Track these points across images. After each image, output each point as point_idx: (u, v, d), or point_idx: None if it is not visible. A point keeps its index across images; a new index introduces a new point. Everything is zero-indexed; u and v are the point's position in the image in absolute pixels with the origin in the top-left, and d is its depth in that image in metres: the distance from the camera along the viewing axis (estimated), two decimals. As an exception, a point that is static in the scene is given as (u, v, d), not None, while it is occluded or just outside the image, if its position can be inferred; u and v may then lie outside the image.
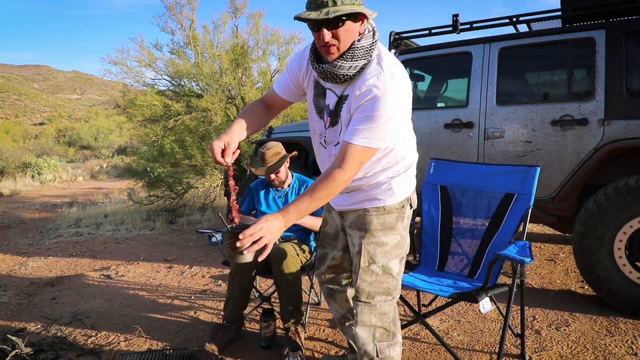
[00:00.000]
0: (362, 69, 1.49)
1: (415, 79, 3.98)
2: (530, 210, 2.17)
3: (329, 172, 1.46)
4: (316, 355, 2.38)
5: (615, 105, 2.85)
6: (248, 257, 1.39)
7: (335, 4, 1.38)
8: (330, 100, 1.60)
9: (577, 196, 3.08)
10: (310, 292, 2.95)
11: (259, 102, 1.80)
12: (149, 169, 7.18)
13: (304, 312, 2.56)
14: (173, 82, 8.14)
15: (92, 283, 3.79)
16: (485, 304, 1.92)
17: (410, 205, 1.71)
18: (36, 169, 15.71)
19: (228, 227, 1.47)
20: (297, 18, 1.42)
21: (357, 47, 1.46)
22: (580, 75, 3.15)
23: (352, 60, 1.47)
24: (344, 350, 2.42)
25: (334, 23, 1.41)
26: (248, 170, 6.55)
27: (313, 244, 2.84)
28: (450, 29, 3.49)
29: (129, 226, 6.38)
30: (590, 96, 2.94)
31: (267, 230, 1.37)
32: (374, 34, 1.50)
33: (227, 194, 1.59)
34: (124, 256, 4.70)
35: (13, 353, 2.36)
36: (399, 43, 3.79)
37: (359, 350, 1.66)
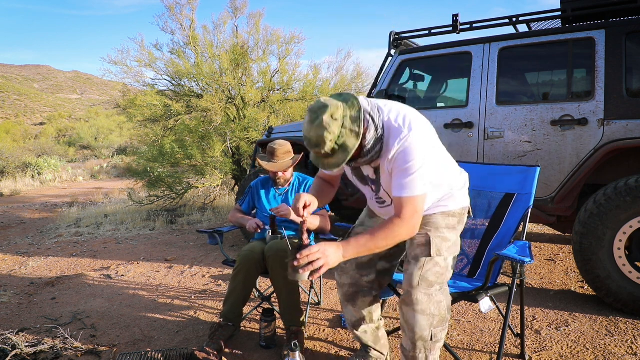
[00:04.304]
0: (382, 142, 1.61)
1: (415, 79, 3.98)
2: (530, 210, 2.16)
3: (390, 218, 1.62)
4: (316, 355, 2.38)
5: (615, 105, 2.85)
6: (304, 275, 1.53)
7: (334, 152, 1.53)
8: (368, 172, 1.78)
9: (577, 196, 3.08)
10: (310, 292, 2.96)
11: (318, 178, 2.02)
12: (149, 169, 7.19)
13: (304, 312, 2.55)
14: (173, 82, 8.15)
15: (92, 283, 3.79)
16: (485, 304, 1.92)
17: (469, 213, 1.90)
18: (36, 169, 15.72)
19: (289, 247, 1.61)
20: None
21: (366, 144, 1.58)
22: (580, 75, 3.15)
23: (368, 154, 1.61)
24: (344, 351, 2.42)
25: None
26: (248, 171, 6.56)
27: (313, 243, 2.83)
28: (450, 29, 3.49)
29: (129, 226, 6.39)
30: (590, 96, 2.94)
31: (323, 254, 1.52)
32: (372, 120, 1.58)
33: (300, 229, 1.71)
34: (124, 256, 4.70)
35: (13, 353, 2.36)
36: (399, 43, 3.79)
37: (414, 334, 1.69)
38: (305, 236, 1.67)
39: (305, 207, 1.73)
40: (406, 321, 1.69)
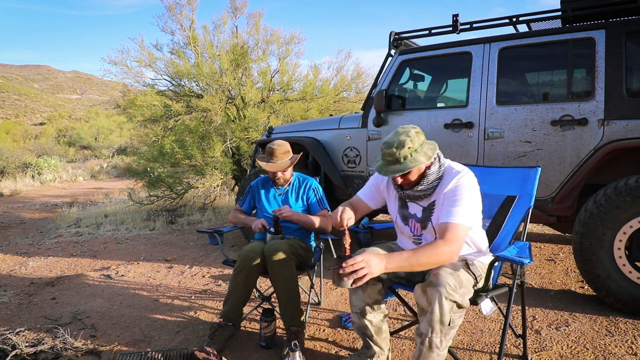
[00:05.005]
0: (439, 181, 1.89)
1: (415, 79, 3.98)
2: (530, 210, 2.16)
3: (434, 241, 1.81)
4: (316, 355, 2.38)
5: (615, 105, 2.85)
6: (347, 283, 1.66)
7: (405, 159, 1.81)
8: (415, 210, 2.00)
9: (577, 196, 3.08)
10: (310, 292, 2.96)
11: (348, 203, 2.18)
12: (149, 169, 7.19)
13: (304, 312, 2.55)
14: (173, 82, 8.14)
15: (92, 283, 3.79)
16: (486, 306, 1.92)
17: (490, 285, 1.99)
18: (36, 169, 15.71)
19: (335, 255, 1.71)
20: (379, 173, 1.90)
21: (430, 173, 1.89)
22: (580, 75, 3.15)
23: (427, 184, 1.89)
24: (344, 351, 2.42)
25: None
26: (248, 171, 6.56)
27: (313, 243, 2.84)
28: (450, 29, 3.49)
29: (129, 226, 6.39)
30: (590, 96, 2.94)
31: (366, 263, 1.65)
32: (439, 158, 1.92)
33: (340, 234, 1.87)
34: (124, 256, 4.70)
35: (13, 353, 2.36)
36: (399, 43, 3.79)
37: (433, 316, 1.69)
38: (348, 245, 1.79)
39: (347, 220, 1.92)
40: (429, 302, 1.69)
